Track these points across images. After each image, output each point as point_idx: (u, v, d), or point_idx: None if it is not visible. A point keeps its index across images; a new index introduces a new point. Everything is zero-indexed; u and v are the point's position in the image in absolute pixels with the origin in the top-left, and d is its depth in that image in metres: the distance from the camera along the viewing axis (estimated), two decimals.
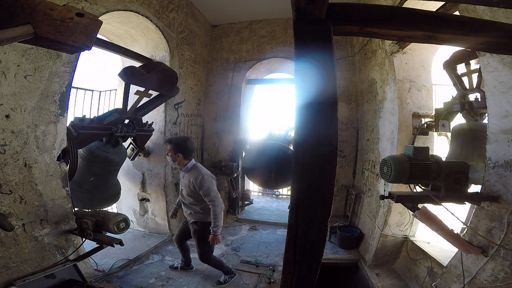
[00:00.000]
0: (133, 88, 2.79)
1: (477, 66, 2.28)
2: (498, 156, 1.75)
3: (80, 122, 2.49)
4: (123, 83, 2.72)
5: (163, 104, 3.79)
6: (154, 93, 3.08)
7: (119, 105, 3.19)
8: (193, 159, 2.73)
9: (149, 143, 3.86)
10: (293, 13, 0.76)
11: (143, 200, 3.99)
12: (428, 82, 3.06)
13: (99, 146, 2.81)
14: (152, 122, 3.38)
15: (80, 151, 2.67)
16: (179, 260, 3.15)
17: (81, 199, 2.71)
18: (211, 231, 2.58)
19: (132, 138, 3.19)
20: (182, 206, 2.83)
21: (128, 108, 2.88)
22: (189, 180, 2.62)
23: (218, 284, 2.83)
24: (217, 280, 2.87)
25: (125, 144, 3.31)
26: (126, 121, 2.97)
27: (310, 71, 0.74)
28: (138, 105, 2.97)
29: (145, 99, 3.01)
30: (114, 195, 3.19)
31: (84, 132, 2.52)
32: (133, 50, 3.67)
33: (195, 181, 2.57)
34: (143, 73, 2.70)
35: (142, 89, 2.86)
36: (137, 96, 2.88)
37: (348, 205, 4.33)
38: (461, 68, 2.49)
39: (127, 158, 3.36)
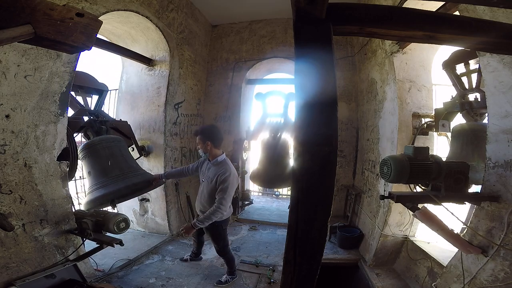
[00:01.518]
0: None
1: (476, 66, 2.28)
2: (498, 156, 1.75)
3: None
4: None
5: (163, 105, 3.81)
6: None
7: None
8: (224, 153, 2.64)
9: (149, 143, 3.87)
10: (293, 13, 0.76)
11: (143, 200, 4.00)
12: (428, 82, 3.06)
13: (90, 139, 2.81)
14: (121, 119, 3.40)
15: (81, 154, 2.65)
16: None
17: (119, 185, 2.55)
18: (192, 221, 2.50)
19: (113, 128, 3.15)
20: (197, 199, 2.75)
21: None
22: (215, 173, 2.49)
23: (219, 283, 2.83)
24: (218, 280, 2.87)
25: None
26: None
27: (310, 71, 0.74)
28: (90, 103, 3.01)
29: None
30: (149, 174, 3.02)
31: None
32: (133, 50, 3.67)
33: (222, 175, 2.44)
34: None
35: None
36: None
37: (348, 205, 4.33)
38: (460, 68, 2.49)
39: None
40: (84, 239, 2.39)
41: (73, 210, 2.41)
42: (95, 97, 3.07)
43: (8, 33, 0.84)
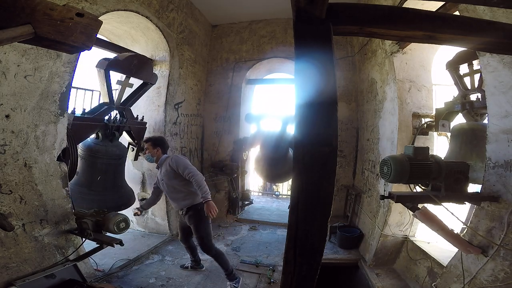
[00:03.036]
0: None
1: (479, 67, 2.28)
2: (498, 156, 1.75)
3: (71, 114, 2.52)
4: (104, 79, 2.78)
5: (163, 105, 3.81)
6: (135, 85, 3.20)
7: None
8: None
9: None
10: (293, 13, 0.76)
11: (143, 200, 3.98)
12: (428, 82, 3.06)
13: (96, 142, 2.85)
14: (143, 116, 3.44)
15: (80, 152, 2.67)
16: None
17: (95, 201, 2.70)
18: (202, 199, 2.58)
19: (127, 132, 3.20)
20: (171, 202, 2.86)
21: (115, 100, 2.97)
22: (166, 167, 2.71)
23: None
24: None
25: (125, 145, 3.32)
26: (117, 114, 3.04)
27: (310, 71, 0.74)
28: (123, 96, 3.04)
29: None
30: (127, 193, 3.18)
31: (78, 123, 2.54)
32: (133, 50, 3.67)
33: (171, 162, 2.67)
34: (118, 60, 2.79)
35: (122, 79, 2.97)
36: (119, 88, 2.99)
37: (348, 205, 4.33)
38: (463, 68, 2.49)
39: (129, 158, 3.37)
40: (84, 239, 2.39)
41: (73, 210, 2.41)
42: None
43: (8, 33, 0.84)
